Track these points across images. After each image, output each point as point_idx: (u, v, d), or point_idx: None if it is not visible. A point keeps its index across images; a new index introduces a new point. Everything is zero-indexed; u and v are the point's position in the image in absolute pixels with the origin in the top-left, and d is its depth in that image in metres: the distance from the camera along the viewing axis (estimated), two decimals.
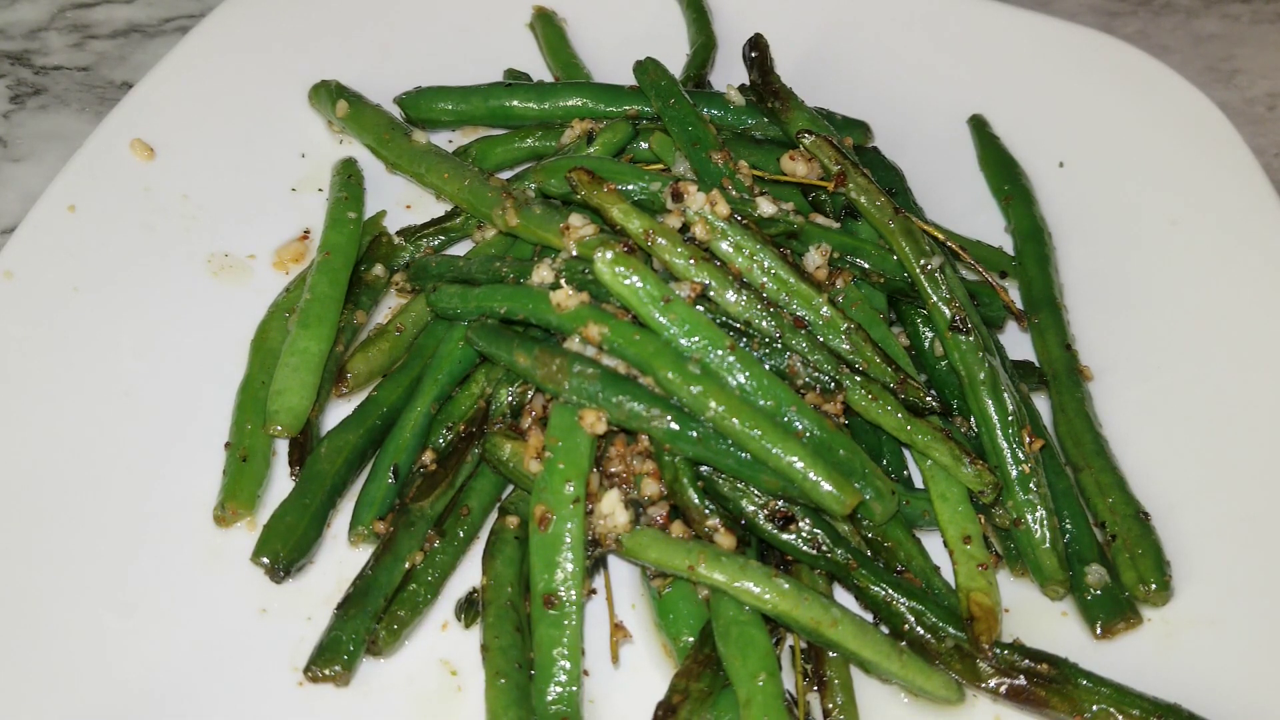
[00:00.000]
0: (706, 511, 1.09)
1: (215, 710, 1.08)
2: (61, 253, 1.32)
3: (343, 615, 1.10)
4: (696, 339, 1.10)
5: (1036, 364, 1.33)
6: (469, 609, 1.14)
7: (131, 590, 1.13)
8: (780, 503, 1.10)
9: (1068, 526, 1.19)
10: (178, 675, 1.09)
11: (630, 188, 1.27)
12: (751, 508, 1.11)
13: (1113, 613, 1.14)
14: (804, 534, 1.11)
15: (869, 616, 1.13)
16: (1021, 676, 1.08)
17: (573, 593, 1.07)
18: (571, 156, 1.36)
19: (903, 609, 1.10)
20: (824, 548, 1.11)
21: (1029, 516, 1.15)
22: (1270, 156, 1.75)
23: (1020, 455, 1.17)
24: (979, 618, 1.09)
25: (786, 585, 1.05)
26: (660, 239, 1.15)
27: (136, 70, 1.75)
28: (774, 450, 1.06)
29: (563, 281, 1.17)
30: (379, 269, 1.35)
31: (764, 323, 1.15)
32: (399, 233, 1.40)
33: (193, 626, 1.12)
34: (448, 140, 1.51)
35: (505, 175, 1.44)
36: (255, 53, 1.55)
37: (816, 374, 1.14)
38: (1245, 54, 1.89)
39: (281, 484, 1.21)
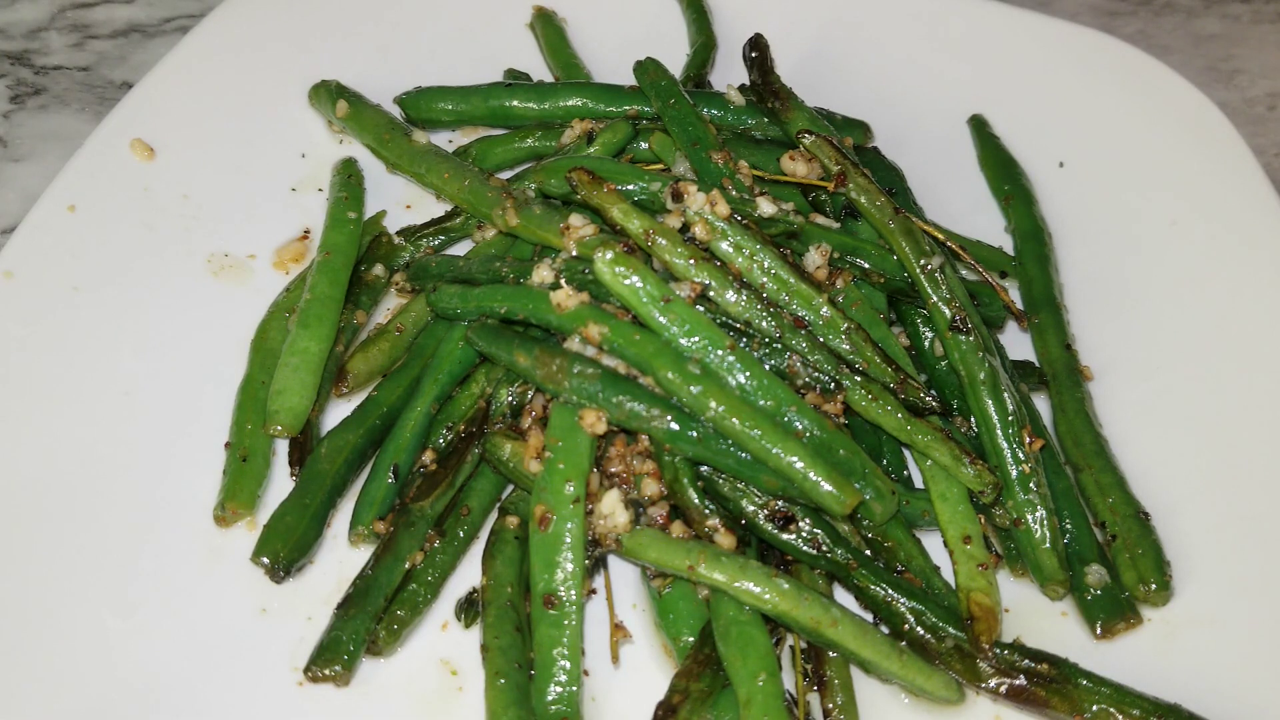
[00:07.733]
0: (706, 511, 1.09)
1: (215, 710, 1.08)
2: (61, 253, 1.32)
3: (343, 615, 1.10)
4: (696, 339, 1.10)
5: (1036, 364, 1.33)
6: (469, 609, 1.14)
7: (132, 590, 1.13)
8: (780, 503, 1.10)
9: (1068, 526, 1.19)
10: (178, 675, 1.09)
11: (630, 188, 1.27)
12: (751, 508, 1.11)
13: (1113, 613, 1.14)
14: (804, 534, 1.11)
15: (869, 616, 1.13)
16: (1021, 676, 1.08)
17: (573, 593, 1.07)
18: (571, 156, 1.36)
19: (903, 609, 1.10)
20: (824, 548, 1.11)
21: (1029, 516, 1.15)
22: (1270, 156, 1.75)
23: (1020, 455, 1.17)
24: (979, 618, 1.09)
25: (786, 585, 1.05)
26: (660, 239, 1.15)
27: (136, 70, 1.75)
28: (774, 450, 1.06)
29: (563, 281, 1.16)
30: (379, 269, 1.35)
31: (764, 323, 1.15)
32: (399, 233, 1.40)
33: (193, 626, 1.12)
34: (448, 140, 1.51)
35: (505, 175, 1.44)
36: (255, 53, 1.54)
37: (816, 374, 1.14)
38: (1245, 54, 1.89)
39: (281, 484, 1.21)
